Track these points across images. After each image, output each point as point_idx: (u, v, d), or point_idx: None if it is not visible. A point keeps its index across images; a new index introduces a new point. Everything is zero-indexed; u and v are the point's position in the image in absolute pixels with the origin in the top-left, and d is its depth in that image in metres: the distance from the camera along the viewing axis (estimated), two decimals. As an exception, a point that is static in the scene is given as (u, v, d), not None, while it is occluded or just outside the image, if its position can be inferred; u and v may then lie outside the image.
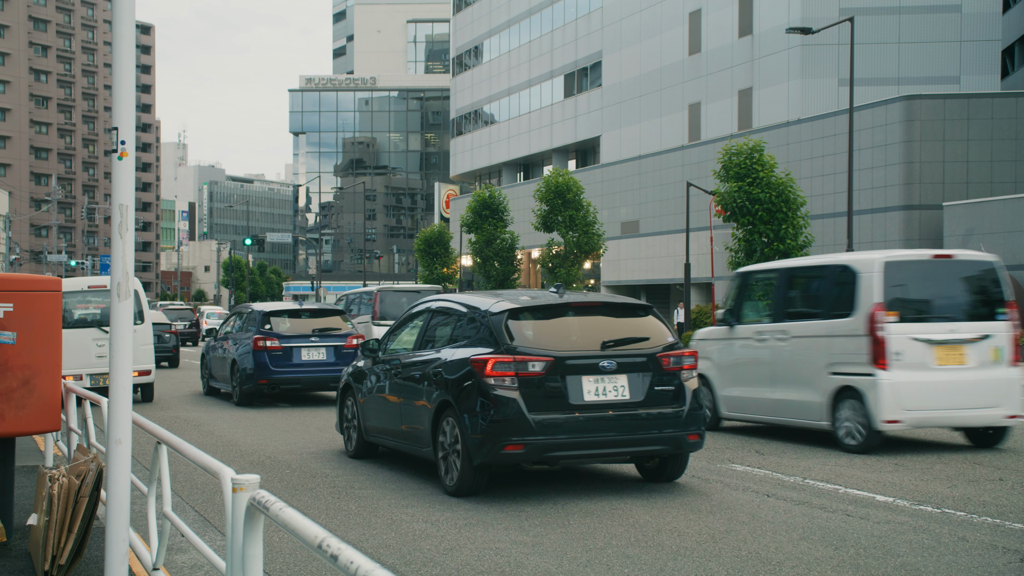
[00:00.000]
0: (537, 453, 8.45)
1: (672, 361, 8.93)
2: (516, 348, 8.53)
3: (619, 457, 9.04)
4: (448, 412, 8.89)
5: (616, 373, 8.65)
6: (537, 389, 8.42)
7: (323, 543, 2.88)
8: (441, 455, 8.99)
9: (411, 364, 9.83)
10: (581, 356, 8.61)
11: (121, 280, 4.81)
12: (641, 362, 8.77)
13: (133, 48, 4.87)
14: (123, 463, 4.85)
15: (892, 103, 38.23)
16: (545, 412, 8.41)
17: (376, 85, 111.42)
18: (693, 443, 8.98)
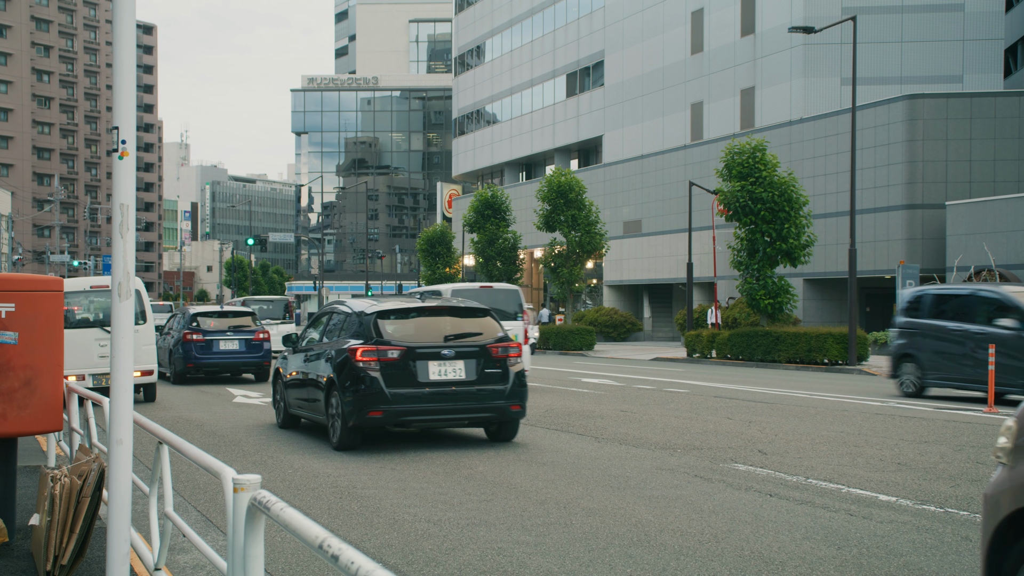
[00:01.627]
0: (393, 418, 11.16)
1: (500, 350, 11.60)
2: (380, 340, 11.24)
3: (459, 422, 11.73)
4: (334, 387, 11.57)
5: (455, 359, 11.33)
6: (394, 370, 11.10)
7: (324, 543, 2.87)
8: (329, 421, 11.81)
9: (314, 353, 12.65)
10: (428, 347, 11.30)
11: (122, 280, 4.81)
12: (475, 351, 11.44)
13: (134, 48, 4.86)
14: (125, 463, 4.85)
15: (895, 102, 38.19)
16: (399, 387, 11.10)
17: (378, 85, 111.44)
18: (516, 412, 11.72)
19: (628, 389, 20.46)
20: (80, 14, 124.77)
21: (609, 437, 12.63)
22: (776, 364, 29.14)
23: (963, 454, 10.93)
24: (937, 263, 36.54)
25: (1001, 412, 15.27)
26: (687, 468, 10.14)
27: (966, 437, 12.34)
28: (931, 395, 18.61)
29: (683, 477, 9.61)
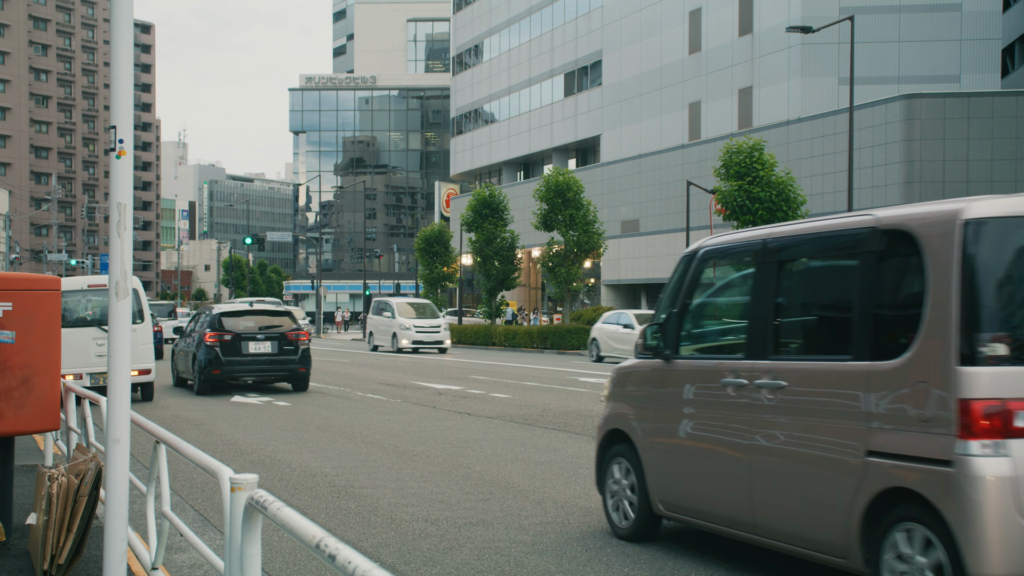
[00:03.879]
0: (228, 375, 19.37)
1: (293, 336, 19.75)
2: (220, 329, 19.36)
3: (269, 378, 20.27)
4: (196, 357, 19.52)
5: (265, 340, 19.52)
6: (227, 347, 19.22)
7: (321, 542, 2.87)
8: (194, 377, 19.69)
9: (189, 337, 20.74)
10: (249, 333, 19.51)
11: (119, 279, 4.81)
12: (277, 336, 19.63)
13: (131, 46, 4.86)
14: (122, 462, 4.85)
15: (892, 102, 38.23)
16: (231, 356, 19.26)
17: (376, 84, 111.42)
18: (303, 372, 19.82)
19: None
20: (78, 13, 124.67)
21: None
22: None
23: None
24: (934, 263, 36.56)
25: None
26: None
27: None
28: None
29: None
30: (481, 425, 14.15)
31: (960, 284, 4.85)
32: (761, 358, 5.98)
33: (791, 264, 6.11)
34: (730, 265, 6.85)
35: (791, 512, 5.65)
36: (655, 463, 6.78)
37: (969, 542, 4.60)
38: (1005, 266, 4.93)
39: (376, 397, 18.74)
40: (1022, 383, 4.71)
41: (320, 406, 17.19)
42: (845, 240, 5.70)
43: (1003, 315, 4.86)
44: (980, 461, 4.65)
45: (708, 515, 6.35)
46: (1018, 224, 4.94)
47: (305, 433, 13.43)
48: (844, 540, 5.27)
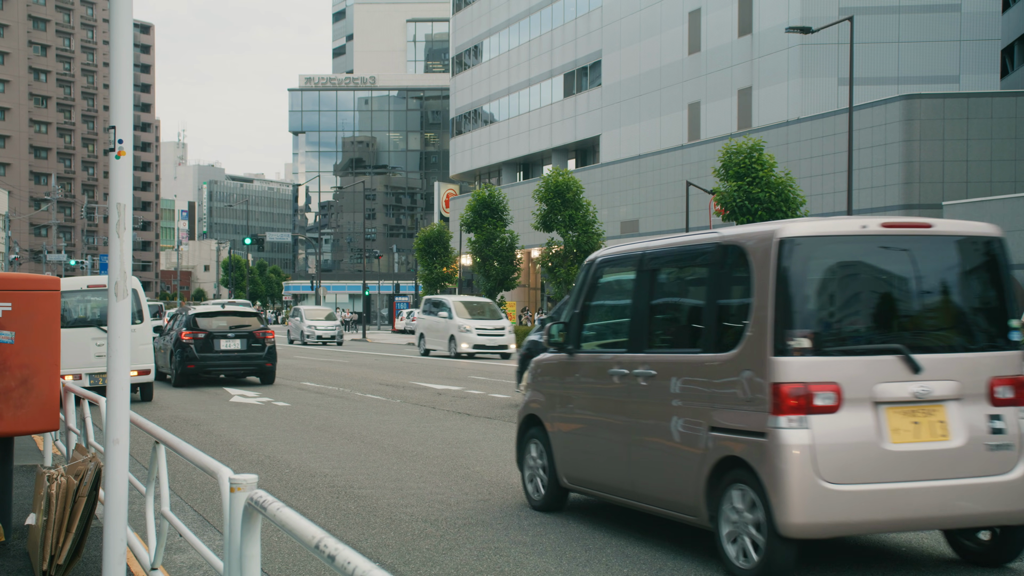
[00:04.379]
0: (201, 369, 21.65)
1: (260, 333, 22.01)
2: (195, 328, 21.66)
3: (238, 372, 22.45)
4: (173, 352, 21.93)
5: (235, 338, 21.76)
6: (201, 343, 21.47)
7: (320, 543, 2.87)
8: (170, 370, 22.11)
9: (167, 335, 23.02)
10: (221, 332, 21.76)
11: (119, 279, 4.81)
12: (246, 334, 21.90)
13: (131, 46, 4.86)
14: (121, 463, 4.84)
15: (892, 102, 38.23)
16: (204, 352, 21.50)
17: (376, 84, 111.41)
18: (269, 367, 22.19)
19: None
20: (77, 13, 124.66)
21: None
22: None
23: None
24: (934, 263, 36.56)
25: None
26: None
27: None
28: None
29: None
30: (481, 426, 14.15)
31: (775, 290, 5.93)
32: (639, 351, 7.08)
33: (660, 273, 7.23)
34: (618, 273, 7.83)
35: (658, 480, 6.78)
36: (560, 443, 7.89)
37: (777, 498, 5.69)
38: (810, 277, 6.03)
39: (375, 397, 18.74)
40: (821, 370, 5.83)
41: (319, 406, 17.19)
42: (697, 254, 6.84)
43: (807, 316, 5.95)
44: (786, 432, 5.75)
45: (600, 486, 7.47)
46: (822, 242, 6.09)
47: (304, 433, 13.42)
48: (695, 501, 6.37)
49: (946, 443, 5.94)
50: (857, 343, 6.06)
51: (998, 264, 6.32)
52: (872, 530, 6.14)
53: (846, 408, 5.83)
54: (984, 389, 6.09)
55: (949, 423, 5.98)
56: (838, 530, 5.87)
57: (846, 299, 6.22)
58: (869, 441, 5.81)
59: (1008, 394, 6.14)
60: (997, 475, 5.99)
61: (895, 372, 5.94)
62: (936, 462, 5.91)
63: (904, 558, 6.59)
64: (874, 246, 6.22)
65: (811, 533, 5.77)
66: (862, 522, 5.85)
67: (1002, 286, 6.32)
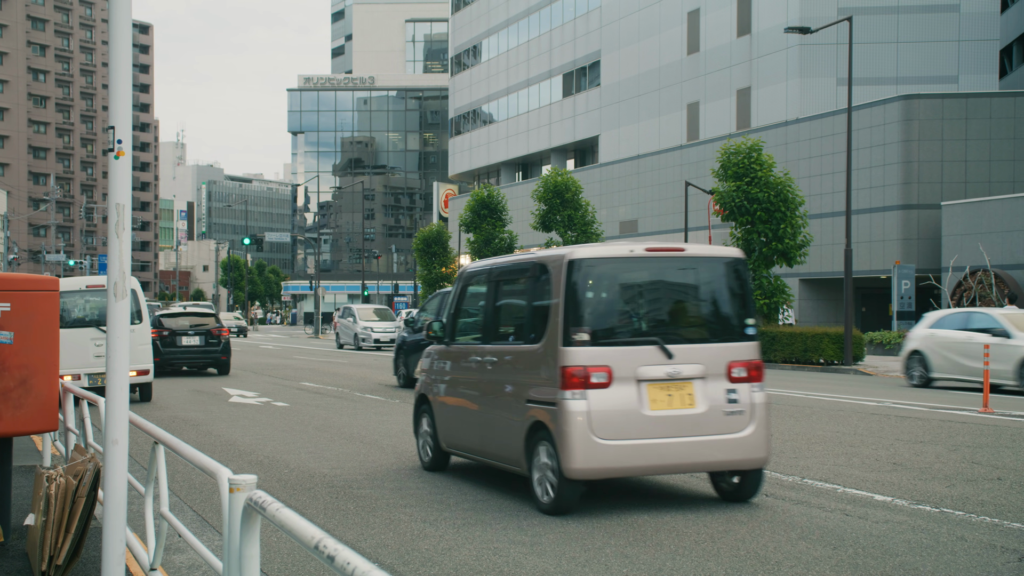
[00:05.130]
0: (165, 362, 24.43)
1: (216, 331, 25.54)
2: (161, 327, 25.00)
3: (198, 364, 25.57)
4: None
5: (195, 336, 25.28)
6: (165, 340, 24.82)
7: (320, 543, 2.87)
8: None
9: None
10: (182, 329, 25.28)
11: (118, 279, 4.80)
12: (204, 331, 25.44)
13: (130, 47, 4.86)
14: (120, 463, 4.84)
15: (890, 103, 38.24)
16: (168, 348, 24.85)
17: (375, 84, 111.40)
18: (224, 360, 25.53)
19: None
20: (76, 13, 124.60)
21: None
22: (772, 364, 29.16)
23: (958, 454, 10.95)
24: (933, 263, 36.59)
25: (996, 412, 15.29)
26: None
27: (961, 437, 12.36)
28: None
29: (678, 477, 9.62)
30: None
31: (564, 298, 7.88)
32: (488, 343, 9.14)
33: (502, 284, 9.24)
34: (477, 283, 9.79)
35: (498, 441, 8.77)
36: (440, 415, 9.94)
37: (563, 450, 7.69)
38: (590, 288, 8.01)
39: (374, 398, 18.73)
40: (596, 357, 7.77)
41: (319, 407, 17.19)
42: (523, 270, 8.84)
43: (587, 317, 7.91)
44: (570, 403, 7.70)
45: (466, 448, 9.48)
46: (600, 263, 8.09)
47: (303, 434, 13.42)
48: (519, 456, 8.35)
49: (693, 410, 7.96)
50: (624, 336, 8.05)
51: (740, 277, 8.42)
52: (635, 473, 8.14)
53: (616, 384, 7.81)
54: (723, 370, 8.11)
55: (695, 395, 7.99)
56: (608, 473, 7.88)
57: (617, 304, 8.30)
58: (632, 408, 7.80)
59: (742, 374, 8.18)
60: (732, 433, 8.04)
61: (653, 358, 7.94)
62: (684, 424, 7.93)
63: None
64: (639, 265, 8.29)
65: (588, 476, 7.77)
66: (626, 467, 7.90)
67: (742, 293, 8.42)
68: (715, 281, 8.46)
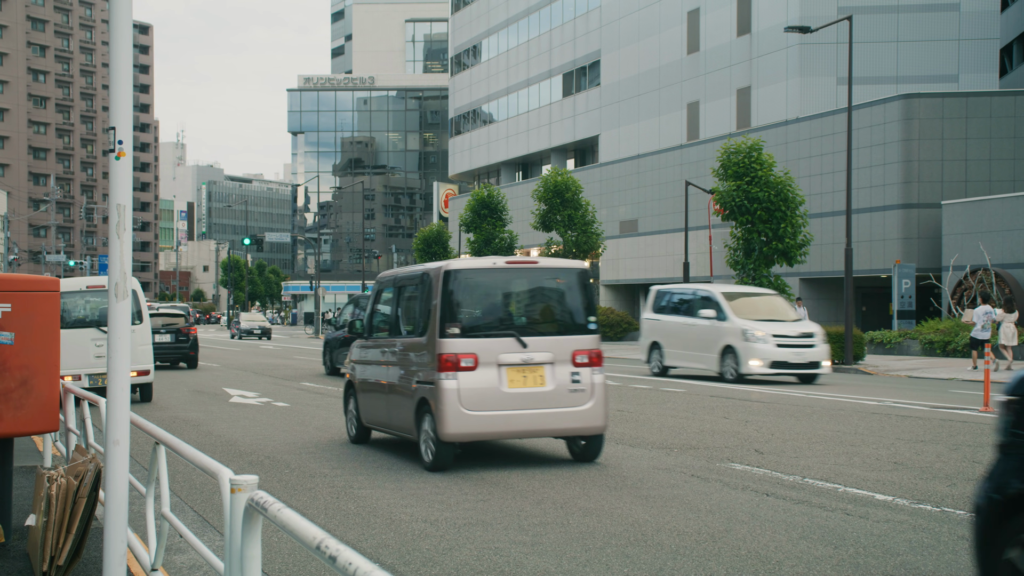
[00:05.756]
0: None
1: (186, 329, 28.85)
2: None
3: (170, 359, 28.73)
4: None
5: (167, 333, 28.17)
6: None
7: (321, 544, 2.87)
8: None
9: None
10: (155, 328, 25.97)
11: (119, 280, 4.80)
12: (175, 330, 28.60)
13: (130, 47, 4.86)
14: (121, 464, 4.84)
15: (891, 102, 38.23)
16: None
17: (374, 84, 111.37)
18: (193, 355, 28.93)
19: (624, 389, 20.47)
20: (76, 14, 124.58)
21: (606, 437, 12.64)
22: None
23: (959, 453, 10.95)
24: (933, 262, 36.59)
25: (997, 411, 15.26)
26: (683, 467, 10.14)
27: (962, 436, 12.36)
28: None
29: (679, 476, 9.62)
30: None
31: (440, 300, 9.97)
32: (393, 337, 11.42)
33: (404, 289, 11.37)
34: (388, 288, 12.00)
35: (398, 416, 10.89)
36: (361, 397, 12.14)
37: (439, 419, 9.80)
38: (461, 292, 10.14)
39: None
40: (465, 346, 9.84)
41: (319, 407, 17.19)
42: (417, 278, 10.90)
43: (458, 315, 10.01)
44: (445, 382, 9.78)
45: (378, 422, 11.67)
46: (469, 273, 10.22)
47: (304, 434, 13.42)
48: (412, 426, 10.47)
49: (543, 388, 10.07)
50: (488, 331, 10.07)
51: (583, 284, 10.55)
52: (496, 438, 10.33)
53: (481, 368, 9.90)
54: (569, 357, 10.20)
55: (545, 376, 10.11)
56: (475, 437, 10.00)
57: (483, 305, 10.35)
58: (494, 387, 9.91)
59: (584, 360, 10.27)
60: (576, 407, 10.16)
61: (511, 347, 10.02)
62: (536, 399, 10.03)
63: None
64: (501, 275, 10.40)
65: (459, 439, 9.91)
66: (489, 432, 10.03)
67: (585, 296, 10.56)
68: (563, 287, 10.61)
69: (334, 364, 24.81)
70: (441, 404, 9.74)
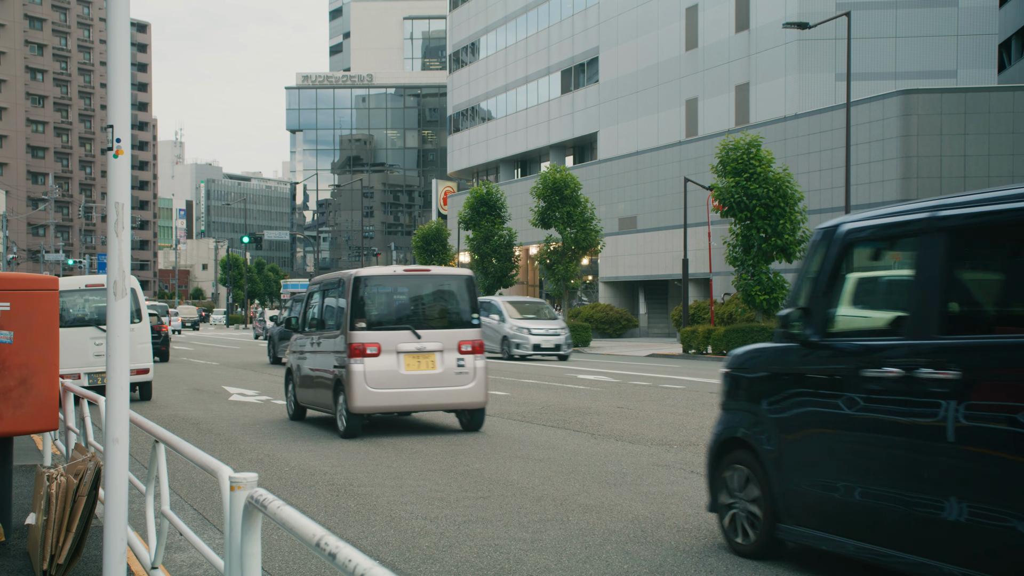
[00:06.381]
0: None
1: (157, 327, 28.70)
2: None
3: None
4: None
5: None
6: None
7: (321, 541, 2.87)
8: None
9: None
10: None
11: (117, 278, 4.80)
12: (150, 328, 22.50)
13: (128, 45, 4.85)
14: (121, 462, 4.84)
15: (889, 98, 38.23)
16: None
17: (373, 82, 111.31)
18: (164, 350, 30.30)
19: (624, 385, 20.48)
20: (74, 12, 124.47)
21: (605, 433, 12.64)
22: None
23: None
24: (932, 258, 36.56)
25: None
26: (684, 464, 10.15)
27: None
28: None
29: (680, 473, 9.62)
30: (480, 423, 14.14)
31: (350, 301, 12.43)
32: (320, 330, 13.67)
33: (327, 291, 13.77)
34: (316, 290, 14.40)
35: (322, 395, 13.38)
36: (297, 381, 14.56)
37: (349, 395, 12.24)
38: (367, 294, 12.54)
39: (374, 395, 18.73)
40: (370, 337, 12.31)
41: (319, 405, 17.20)
42: (335, 283, 13.37)
43: (364, 312, 12.44)
44: (354, 366, 12.21)
45: (309, 402, 14.15)
46: (374, 279, 12.69)
47: (303, 431, 13.43)
48: (331, 403, 13.02)
49: (434, 371, 12.57)
50: (388, 325, 12.58)
51: (469, 288, 13.09)
52: (395, 411, 12.78)
53: (383, 355, 12.35)
54: (455, 346, 12.69)
55: (436, 361, 12.60)
56: (378, 410, 12.43)
57: (385, 304, 12.86)
58: (393, 369, 12.39)
59: (468, 348, 12.75)
60: (460, 386, 12.68)
61: (408, 338, 12.52)
62: (428, 379, 12.54)
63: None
64: (400, 279, 13.02)
65: (365, 411, 12.35)
66: (389, 406, 12.49)
67: (470, 297, 13.04)
68: (451, 290, 13.18)
69: (276, 355, 28.94)
70: (351, 383, 12.22)
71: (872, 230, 5.95)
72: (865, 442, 5.49)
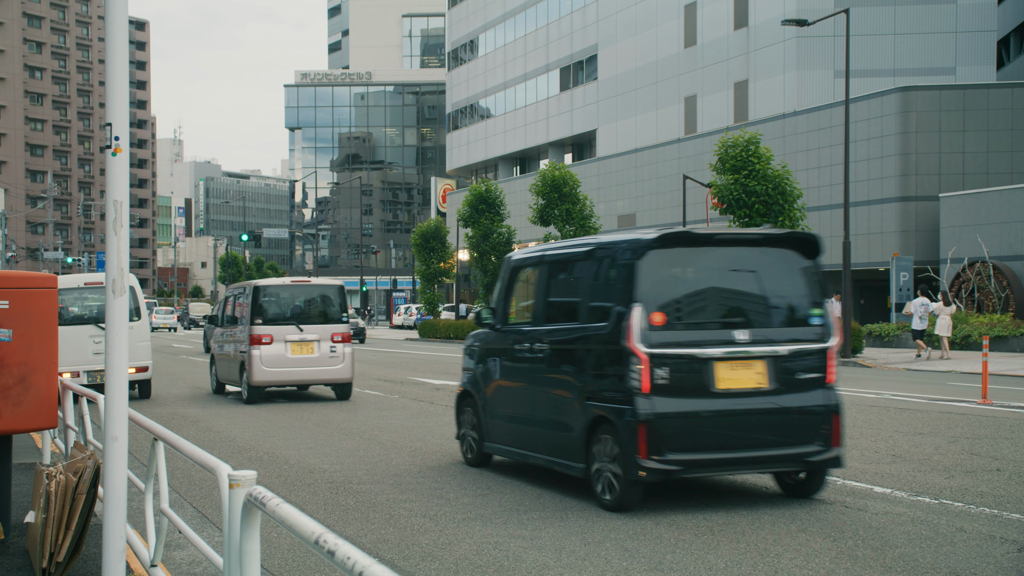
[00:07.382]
0: None
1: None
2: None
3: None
4: None
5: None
6: None
7: (320, 538, 2.87)
8: None
9: None
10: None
11: (116, 276, 4.80)
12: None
13: (126, 43, 4.85)
14: (120, 460, 4.84)
15: (888, 94, 38.22)
16: None
17: (372, 80, 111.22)
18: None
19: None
20: (72, 10, 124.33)
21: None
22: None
23: (957, 445, 10.96)
24: (931, 255, 36.61)
25: (995, 403, 15.30)
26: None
27: (960, 429, 12.38)
28: None
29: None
30: (479, 420, 14.15)
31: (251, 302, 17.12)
32: (234, 325, 17.97)
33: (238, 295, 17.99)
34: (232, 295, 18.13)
35: (232, 374, 17.96)
36: (217, 365, 18.88)
37: (249, 373, 16.97)
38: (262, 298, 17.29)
39: (374, 393, 18.74)
40: (266, 330, 16.99)
41: (317, 402, 17.20)
42: (242, 288, 17.79)
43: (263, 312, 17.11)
44: (254, 351, 16.95)
45: (226, 379, 18.41)
46: (268, 287, 17.53)
47: (303, 429, 13.43)
48: (238, 379, 17.58)
49: (313, 355, 17.04)
50: (279, 321, 16.94)
51: (342, 294, 17.67)
52: (284, 384, 17.24)
53: (275, 343, 16.79)
54: (329, 336, 17.12)
55: (314, 348, 17.05)
56: (271, 384, 16.93)
57: (277, 306, 17.25)
58: (282, 354, 16.84)
59: (339, 339, 17.18)
60: (333, 367, 17.16)
61: (293, 331, 16.96)
62: (309, 361, 17.00)
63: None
64: (289, 288, 17.65)
65: (261, 384, 16.88)
66: (279, 381, 16.96)
67: (342, 301, 17.68)
68: (328, 295, 17.67)
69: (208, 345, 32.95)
70: (251, 364, 16.74)
71: (524, 260, 9.69)
72: (516, 388, 9.23)
